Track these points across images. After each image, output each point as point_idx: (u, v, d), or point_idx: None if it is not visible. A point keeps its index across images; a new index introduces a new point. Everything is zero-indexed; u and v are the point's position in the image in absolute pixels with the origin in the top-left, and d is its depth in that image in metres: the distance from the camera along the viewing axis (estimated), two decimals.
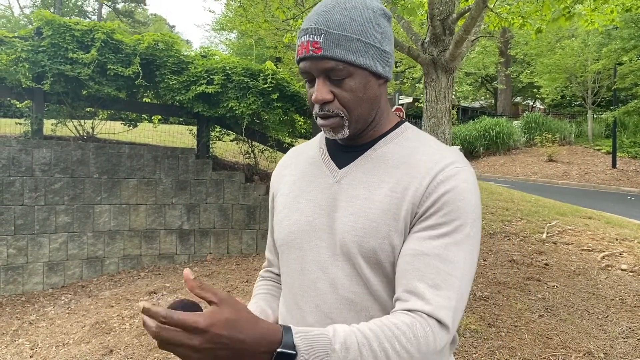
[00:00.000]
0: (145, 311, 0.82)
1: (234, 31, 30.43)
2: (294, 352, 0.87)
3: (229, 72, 6.87)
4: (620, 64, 19.20)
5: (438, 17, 4.64)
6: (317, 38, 1.08)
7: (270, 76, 6.85)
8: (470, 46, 5.15)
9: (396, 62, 26.32)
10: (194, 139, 7.92)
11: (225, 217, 7.24)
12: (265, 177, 8.21)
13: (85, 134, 7.30)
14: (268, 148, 7.83)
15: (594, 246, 6.68)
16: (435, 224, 1.05)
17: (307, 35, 1.10)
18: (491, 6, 5.13)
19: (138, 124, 8.39)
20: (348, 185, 1.16)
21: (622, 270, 5.82)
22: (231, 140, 8.19)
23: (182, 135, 8.77)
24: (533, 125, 25.36)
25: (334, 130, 1.14)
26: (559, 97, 26.77)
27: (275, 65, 8.20)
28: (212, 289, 0.87)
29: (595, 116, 25.14)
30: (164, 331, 0.81)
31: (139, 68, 6.59)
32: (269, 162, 8.27)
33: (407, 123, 1.25)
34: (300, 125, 8.12)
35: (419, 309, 0.99)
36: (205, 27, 75.12)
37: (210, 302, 0.86)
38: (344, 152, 1.22)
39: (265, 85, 6.79)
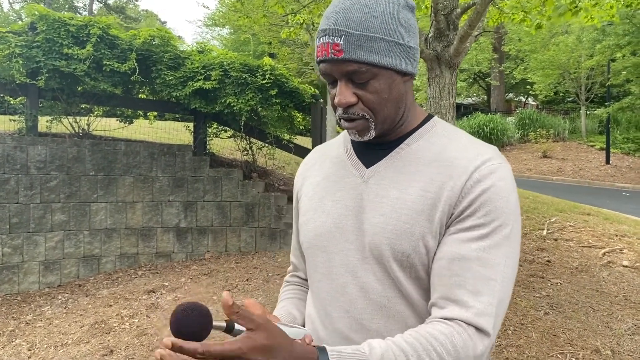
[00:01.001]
0: (177, 349, 0.79)
1: (227, 27, 30.26)
2: None
3: (227, 67, 6.78)
4: (614, 60, 19.26)
5: (442, 12, 4.59)
6: (338, 40, 1.02)
7: (268, 72, 6.77)
8: (474, 41, 5.10)
9: None
10: (191, 135, 7.83)
11: (223, 214, 7.17)
12: (264, 174, 8.14)
13: (80, 131, 7.19)
14: (266, 145, 7.74)
15: (594, 242, 6.67)
16: (474, 225, 1.00)
17: (327, 36, 1.03)
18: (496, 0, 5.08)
19: (134, 120, 8.28)
20: (376, 185, 1.11)
21: (623, 266, 5.81)
22: (229, 137, 8.10)
23: (178, 132, 8.67)
24: (527, 121, 25.44)
25: (360, 132, 1.09)
26: (552, 94, 26.86)
27: None
28: (249, 314, 0.86)
29: (588, 112, 25.24)
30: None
31: (135, 64, 6.49)
32: (267, 159, 8.20)
33: (435, 117, 1.19)
34: (299, 121, 8.05)
35: (457, 317, 0.96)
36: (197, 23, 74.67)
37: (247, 328, 0.86)
38: (370, 150, 1.17)
39: (264, 81, 6.71)
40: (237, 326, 0.88)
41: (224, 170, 7.27)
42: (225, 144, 8.39)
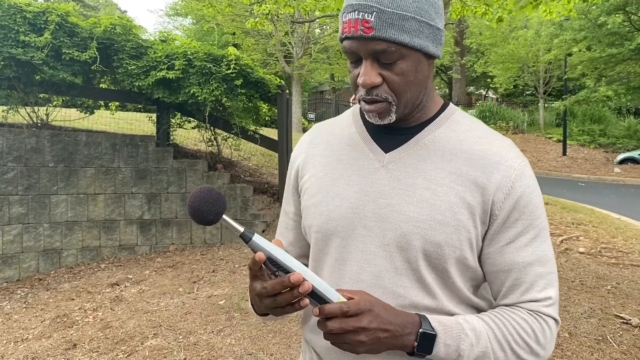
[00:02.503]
0: (322, 312, 0.91)
1: (189, 17, 29.77)
2: (434, 333, 0.96)
3: (191, 57, 6.69)
4: (570, 54, 19.80)
5: None
6: (368, 16, 0.96)
7: (233, 62, 6.71)
8: None
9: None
10: (154, 126, 7.71)
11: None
12: (229, 165, 8.08)
13: (39, 121, 6.99)
14: (232, 136, 7.68)
15: (552, 230, 6.88)
16: (523, 230, 1.05)
17: (356, 12, 0.98)
18: None
19: (95, 110, 8.08)
20: (400, 172, 1.07)
21: (580, 253, 6.02)
22: (193, 128, 8.01)
23: (140, 123, 8.51)
24: (487, 114, 25.96)
25: (380, 115, 1.05)
26: (512, 87, 27.48)
27: None
28: (348, 290, 0.98)
29: (546, 105, 25.92)
30: (334, 323, 0.91)
31: (96, 52, 6.33)
32: (233, 150, 8.14)
33: (452, 104, 1.18)
34: (265, 112, 8.01)
35: (535, 310, 1.04)
36: (159, 13, 73.20)
37: (349, 298, 0.94)
38: (388, 135, 1.13)
39: (229, 71, 6.65)
40: (255, 238, 0.93)
41: (188, 162, 7.19)
42: (189, 134, 8.29)
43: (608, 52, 16.89)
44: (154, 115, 7.75)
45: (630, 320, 4.08)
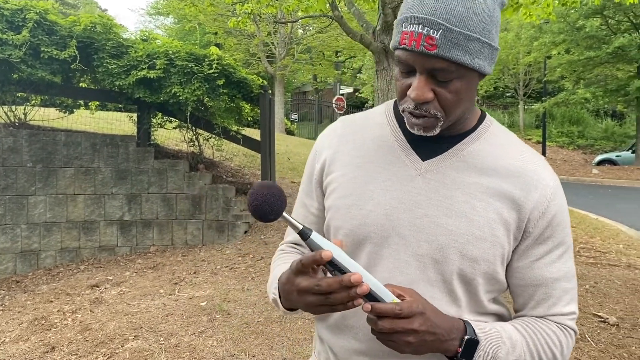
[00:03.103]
0: (374, 310, 0.90)
1: (171, 16, 29.55)
2: (478, 340, 0.98)
3: (172, 56, 6.63)
4: (550, 57, 20.08)
5: (389, 5, 4.65)
6: (434, 33, 0.91)
7: (215, 61, 6.67)
8: None
9: (336, 52, 26.41)
10: (134, 126, 7.63)
11: (168, 207, 7.03)
12: (211, 165, 8.04)
13: (17, 121, 6.88)
14: (214, 136, 7.64)
15: None
16: (554, 246, 1.07)
17: (421, 25, 0.93)
18: None
19: (74, 110, 7.98)
20: (437, 182, 1.06)
21: None
22: (174, 128, 7.94)
23: (121, 123, 8.42)
24: None
25: (426, 129, 1.02)
26: (492, 89, 27.78)
27: None
28: (399, 286, 0.98)
29: (526, 107, 26.24)
30: (385, 322, 0.91)
31: (76, 51, 6.24)
32: (215, 150, 8.10)
33: (488, 116, 1.16)
34: (247, 112, 7.97)
35: (562, 323, 1.08)
36: (140, 12, 72.43)
37: (399, 296, 0.95)
38: (424, 142, 1.09)
39: (211, 71, 6.61)
40: (314, 236, 0.93)
41: (169, 162, 7.13)
42: (170, 134, 8.22)
43: (586, 55, 17.16)
44: (134, 115, 7.67)
45: (607, 319, 4.15)
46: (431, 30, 0.92)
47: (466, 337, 0.97)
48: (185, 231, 7.02)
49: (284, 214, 0.94)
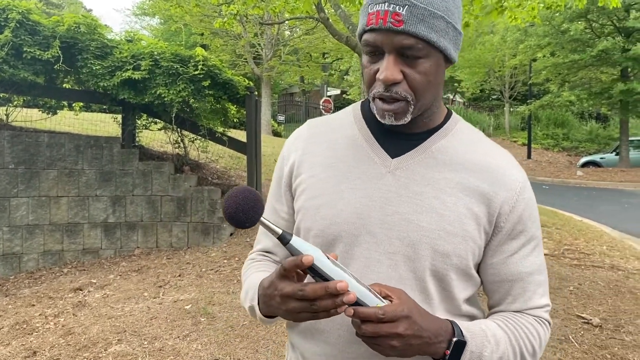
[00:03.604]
0: (357, 315, 0.88)
1: (156, 17, 29.38)
2: (465, 341, 0.97)
3: (157, 57, 6.58)
4: (535, 60, 20.27)
5: None
6: (400, 9, 0.93)
7: (201, 62, 6.63)
8: None
9: (324, 54, 26.42)
10: (119, 127, 7.55)
11: (153, 209, 6.97)
12: (197, 167, 7.98)
13: None
14: (199, 137, 7.59)
15: None
16: (526, 241, 1.08)
17: (386, 3, 0.94)
18: None
19: (58, 111, 7.88)
20: (407, 179, 1.06)
21: (544, 255, 6.14)
22: (159, 129, 7.88)
23: (105, 124, 8.34)
24: None
25: (397, 116, 1.01)
26: (479, 91, 27.98)
27: None
28: (386, 286, 0.96)
29: (511, 110, 26.45)
30: (368, 326, 0.89)
31: (59, 51, 6.17)
32: (200, 152, 8.05)
33: (454, 114, 1.17)
34: (233, 114, 7.93)
35: (538, 315, 1.10)
36: (125, 12, 72.02)
37: (387, 297, 0.93)
38: (393, 139, 1.10)
39: (196, 72, 6.56)
40: (294, 240, 0.90)
41: (154, 164, 7.07)
42: (155, 136, 8.16)
43: (571, 58, 17.34)
44: (119, 117, 7.60)
45: (591, 320, 4.18)
46: (397, 7, 0.94)
47: (454, 339, 0.96)
48: (170, 234, 6.97)
49: (262, 218, 0.91)
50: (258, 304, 1.07)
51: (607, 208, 10.90)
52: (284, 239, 0.90)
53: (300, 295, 0.89)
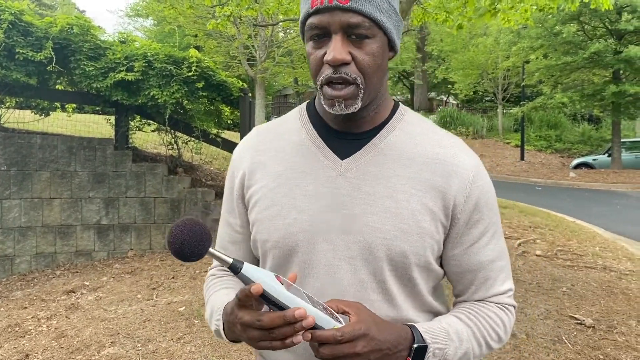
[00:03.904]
0: (315, 338, 0.87)
1: (150, 18, 29.30)
2: (426, 345, 0.96)
3: (151, 58, 6.57)
4: (528, 62, 20.35)
5: None
6: None
7: (195, 64, 6.62)
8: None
9: None
10: (112, 129, 7.53)
11: (147, 211, 6.95)
12: (190, 169, 7.97)
13: None
14: (193, 139, 7.58)
15: (510, 234, 7.03)
16: (485, 228, 1.07)
17: None
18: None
19: (50, 112, 7.85)
20: (359, 180, 1.04)
21: (537, 255, 6.17)
22: (152, 131, 7.86)
23: (98, 125, 8.32)
24: (448, 119, 26.45)
25: (347, 102, 0.98)
26: (472, 93, 28.07)
27: None
28: (343, 302, 0.95)
29: (505, 111, 26.56)
30: (326, 349, 0.87)
31: (52, 53, 6.14)
32: (194, 154, 8.03)
33: (402, 105, 1.16)
34: (227, 115, 7.92)
35: (501, 302, 1.10)
36: (119, 13, 71.81)
37: (345, 312, 0.93)
38: (340, 140, 1.08)
39: (190, 74, 6.56)
40: (245, 269, 0.86)
41: (147, 165, 7.05)
42: (148, 137, 8.14)
43: (563, 60, 17.41)
44: (112, 118, 7.58)
45: (584, 320, 4.20)
46: None
47: (414, 346, 0.95)
48: (164, 235, 6.95)
49: (211, 249, 0.87)
50: (223, 328, 1.05)
51: (600, 209, 10.96)
52: (235, 269, 0.87)
53: (258, 325, 0.87)
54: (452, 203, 1.03)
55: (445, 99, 37.52)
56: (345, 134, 1.08)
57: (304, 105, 1.20)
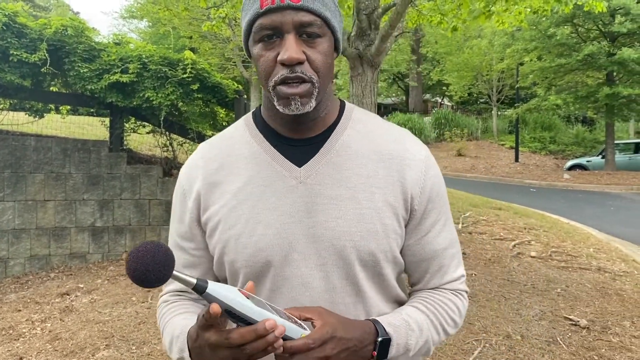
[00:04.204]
0: (287, 350, 0.86)
1: (145, 19, 29.27)
2: (389, 337, 0.98)
3: (146, 60, 6.56)
4: (522, 64, 20.43)
5: (364, 12, 4.68)
6: None
7: (190, 66, 6.62)
8: (394, 42, 5.24)
9: None
10: (107, 130, 7.51)
11: (141, 213, 6.93)
12: None
13: None
14: (188, 141, 7.57)
15: (505, 235, 7.06)
16: (437, 217, 1.10)
17: None
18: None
19: (45, 114, 7.82)
20: (320, 185, 1.03)
21: (531, 257, 6.19)
22: (147, 133, 7.85)
23: (93, 127, 8.30)
24: (443, 121, 26.50)
25: (302, 100, 0.97)
26: (467, 95, 28.16)
27: None
28: (304, 309, 0.95)
29: (499, 113, 26.64)
30: (299, 358, 0.87)
31: (46, 54, 6.13)
32: (189, 155, 8.02)
33: (348, 103, 1.17)
34: (222, 117, 7.92)
35: (455, 288, 1.13)
36: (113, 15, 71.64)
37: (307, 319, 0.93)
38: (294, 147, 1.07)
39: (185, 75, 6.55)
40: (210, 289, 0.82)
41: (142, 167, 7.03)
42: (143, 139, 8.12)
43: (557, 62, 17.49)
44: (107, 120, 7.56)
45: (578, 321, 4.22)
46: None
47: (379, 339, 0.97)
48: (159, 237, 6.93)
49: (174, 272, 0.82)
50: (190, 355, 0.98)
51: (594, 211, 11.01)
52: (200, 289, 0.82)
53: (227, 344, 0.84)
54: (409, 196, 1.05)
55: (440, 100, 37.60)
56: (297, 141, 1.07)
57: (248, 115, 1.17)
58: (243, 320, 0.84)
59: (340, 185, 1.03)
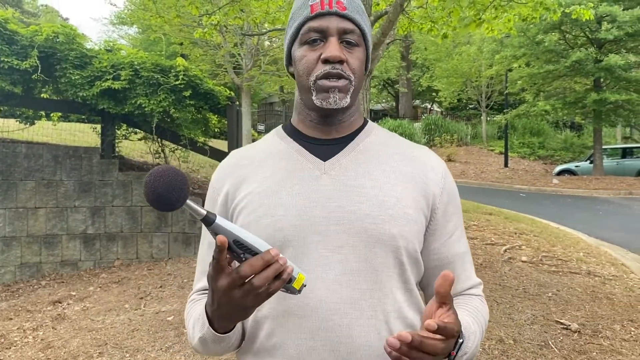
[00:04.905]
0: (401, 339, 0.81)
1: (135, 26, 29.16)
2: (463, 339, 0.95)
3: (137, 67, 6.56)
4: (511, 70, 20.60)
5: None
6: None
7: (182, 72, 6.62)
8: (386, 49, 5.27)
9: None
10: (98, 137, 7.49)
11: (133, 220, 6.90)
12: None
13: None
14: (180, 147, 7.56)
15: (496, 240, 7.10)
16: (457, 222, 1.17)
17: None
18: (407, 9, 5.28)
19: (35, 121, 7.79)
20: (343, 176, 1.08)
21: (522, 262, 6.24)
22: (139, 139, 7.83)
23: (84, 134, 8.26)
24: (433, 127, 26.63)
25: (340, 94, 1.06)
26: (456, 101, 28.31)
27: None
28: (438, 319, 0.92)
29: (488, 119, 26.82)
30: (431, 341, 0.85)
31: (37, 61, 6.12)
32: (181, 162, 8.01)
33: (369, 120, 1.25)
34: (214, 124, 7.93)
35: (479, 294, 1.18)
36: (103, 21, 71.30)
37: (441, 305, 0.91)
38: (319, 146, 1.14)
39: (177, 82, 6.56)
40: (218, 220, 0.84)
41: (134, 174, 7.01)
42: (135, 146, 8.10)
43: (545, 68, 17.65)
44: (98, 127, 7.54)
45: (570, 325, 4.26)
46: None
47: (460, 340, 0.93)
48: (151, 244, 6.91)
49: (188, 201, 0.83)
50: (212, 325, 0.99)
51: (583, 215, 11.10)
52: (208, 220, 0.83)
53: (238, 278, 0.83)
54: (432, 193, 1.11)
55: (429, 106, 37.78)
56: (323, 140, 1.15)
57: (279, 127, 1.26)
58: (250, 251, 0.86)
59: (363, 177, 1.09)
